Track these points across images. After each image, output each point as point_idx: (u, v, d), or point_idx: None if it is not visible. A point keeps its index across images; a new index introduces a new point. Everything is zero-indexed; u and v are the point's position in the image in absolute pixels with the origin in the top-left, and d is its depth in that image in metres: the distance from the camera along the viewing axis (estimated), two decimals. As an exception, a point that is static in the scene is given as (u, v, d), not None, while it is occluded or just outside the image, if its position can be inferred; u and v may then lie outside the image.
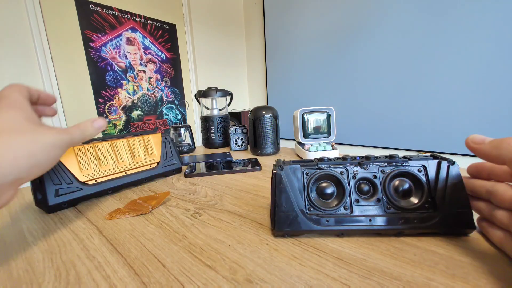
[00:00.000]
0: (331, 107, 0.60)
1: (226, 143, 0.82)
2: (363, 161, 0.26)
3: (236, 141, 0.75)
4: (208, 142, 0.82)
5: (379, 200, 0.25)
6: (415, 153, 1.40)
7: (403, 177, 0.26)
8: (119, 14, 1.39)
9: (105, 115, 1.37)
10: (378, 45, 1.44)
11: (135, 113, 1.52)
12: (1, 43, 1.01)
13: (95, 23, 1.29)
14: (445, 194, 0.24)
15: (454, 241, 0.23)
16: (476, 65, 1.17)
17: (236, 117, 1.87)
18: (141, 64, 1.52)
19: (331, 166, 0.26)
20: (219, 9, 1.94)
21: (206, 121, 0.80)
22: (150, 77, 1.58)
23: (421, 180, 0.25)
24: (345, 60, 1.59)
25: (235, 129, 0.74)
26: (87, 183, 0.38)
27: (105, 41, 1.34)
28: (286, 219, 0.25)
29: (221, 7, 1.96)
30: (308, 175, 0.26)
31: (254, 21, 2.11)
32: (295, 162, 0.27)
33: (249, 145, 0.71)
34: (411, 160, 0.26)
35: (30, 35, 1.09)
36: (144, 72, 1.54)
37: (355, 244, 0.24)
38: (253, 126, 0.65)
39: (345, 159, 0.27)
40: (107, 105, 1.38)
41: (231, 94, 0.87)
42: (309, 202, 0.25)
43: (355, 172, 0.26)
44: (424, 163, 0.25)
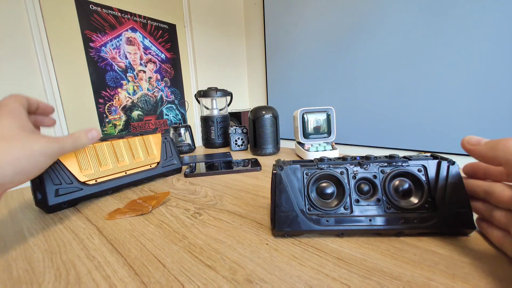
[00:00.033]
0: (331, 107, 0.60)
1: (226, 143, 0.82)
2: (363, 161, 0.26)
3: (236, 141, 0.75)
4: (208, 142, 0.82)
5: (379, 200, 0.25)
6: (415, 153, 1.40)
7: (403, 177, 0.26)
8: (119, 14, 1.39)
9: (105, 115, 1.37)
10: (378, 45, 1.44)
11: (135, 113, 1.52)
12: (1, 43, 1.01)
13: (95, 23, 1.29)
14: (445, 194, 0.24)
15: (454, 241, 0.23)
16: (476, 65, 1.17)
17: (236, 117, 1.87)
18: (141, 64, 1.52)
19: (331, 166, 0.26)
20: (219, 9, 1.94)
21: (206, 121, 0.80)
22: (150, 77, 1.58)
23: (421, 180, 0.25)
24: (345, 60, 1.59)
25: (235, 129, 0.74)
26: (87, 183, 0.38)
27: (105, 41, 1.34)
28: (286, 219, 0.25)
29: (221, 7, 1.96)
30: (308, 175, 0.26)
31: (254, 21, 2.11)
32: (295, 162, 0.27)
33: (249, 145, 0.71)
34: (411, 160, 0.26)
35: (30, 35, 1.09)
36: (144, 72, 1.54)
37: (355, 244, 0.24)
38: (253, 126, 0.65)
39: (345, 159, 0.27)
40: (107, 105, 1.38)
41: (231, 94, 0.87)
42: (309, 202, 0.25)
43: (355, 172, 0.26)
44: (424, 163, 0.25)
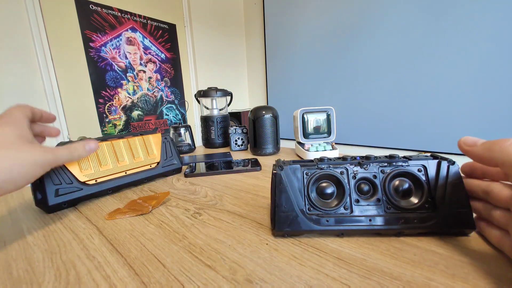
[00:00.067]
0: (331, 107, 0.60)
1: (226, 143, 0.82)
2: (363, 161, 0.26)
3: (236, 141, 0.75)
4: (208, 142, 0.82)
5: (379, 200, 0.25)
6: (415, 153, 1.39)
7: (403, 177, 0.26)
8: (119, 14, 1.39)
9: (105, 115, 1.37)
10: (378, 45, 1.44)
11: (135, 113, 1.52)
12: (1, 43, 1.01)
13: (95, 23, 1.29)
14: (445, 194, 0.24)
15: (454, 241, 0.23)
16: (476, 65, 1.17)
17: (236, 117, 1.87)
18: (141, 64, 1.52)
19: (331, 166, 0.26)
20: (219, 9, 1.94)
21: (206, 121, 0.80)
22: (150, 77, 1.58)
23: (421, 180, 0.25)
24: (345, 60, 1.59)
25: (235, 129, 0.74)
26: (87, 183, 0.38)
27: (105, 41, 1.34)
28: (286, 219, 0.25)
29: (221, 7, 1.96)
30: (308, 175, 0.26)
31: (254, 21, 2.11)
32: (295, 162, 0.27)
33: (249, 145, 0.71)
34: (411, 160, 0.26)
35: (30, 35, 1.09)
36: (144, 72, 1.54)
37: (355, 244, 0.24)
38: (253, 126, 0.65)
39: (345, 159, 0.27)
40: (107, 105, 1.38)
41: (231, 94, 0.87)
42: (309, 202, 0.25)
43: (355, 172, 0.26)
44: (424, 163, 0.25)
